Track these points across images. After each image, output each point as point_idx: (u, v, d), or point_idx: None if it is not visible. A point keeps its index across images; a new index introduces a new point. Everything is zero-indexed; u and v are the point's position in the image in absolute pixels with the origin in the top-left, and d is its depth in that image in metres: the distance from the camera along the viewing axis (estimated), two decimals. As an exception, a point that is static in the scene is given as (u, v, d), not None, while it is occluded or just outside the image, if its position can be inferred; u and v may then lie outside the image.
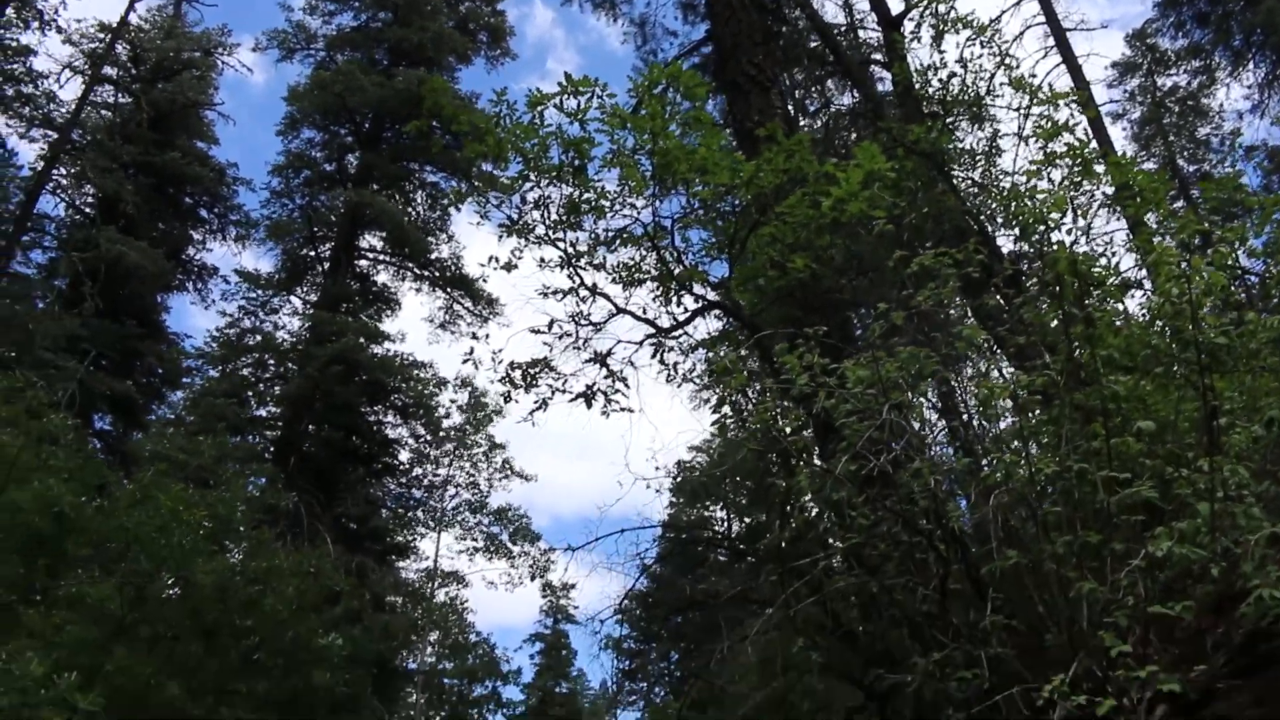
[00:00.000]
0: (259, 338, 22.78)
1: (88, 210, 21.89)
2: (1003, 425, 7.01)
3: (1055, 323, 6.59)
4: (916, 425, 7.10)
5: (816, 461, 6.87)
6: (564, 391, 8.90)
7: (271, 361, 22.59)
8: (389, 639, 11.43)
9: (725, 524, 25.78)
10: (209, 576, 7.79)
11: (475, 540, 31.39)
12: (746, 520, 24.03)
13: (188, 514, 7.82)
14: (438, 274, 25.32)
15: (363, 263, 24.67)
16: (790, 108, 12.10)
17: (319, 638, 8.47)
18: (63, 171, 21.49)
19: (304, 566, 8.70)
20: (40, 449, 8.13)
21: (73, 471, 8.36)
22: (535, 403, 8.86)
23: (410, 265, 25.09)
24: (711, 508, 28.29)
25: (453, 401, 29.10)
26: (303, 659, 8.48)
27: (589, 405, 8.92)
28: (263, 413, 22.15)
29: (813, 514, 7.49)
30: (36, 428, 7.82)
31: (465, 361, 9.17)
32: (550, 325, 8.80)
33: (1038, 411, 6.52)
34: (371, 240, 24.88)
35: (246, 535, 8.57)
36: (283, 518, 11.73)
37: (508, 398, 8.85)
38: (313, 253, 24.39)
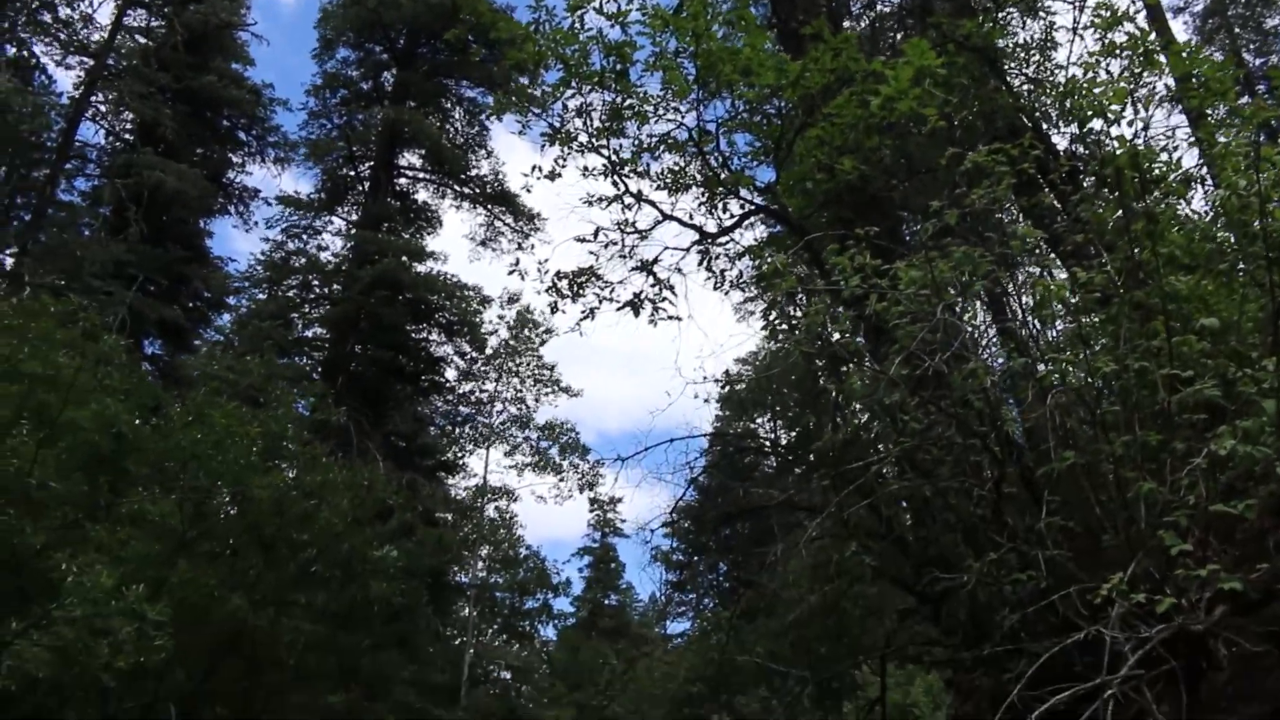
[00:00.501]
0: (302, 260, 22.85)
1: (127, 136, 21.90)
2: (1059, 326, 6.89)
3: (1114, 221, 6.43)
4: (970, 327, 7.00)
5: (868, 365, 6.79)
6: (611, 300, 8.87)
7: (316, 283, 22.69)
8: (441, 553, 11.57)
9: (773, 433, 25.75)
10: (265, 491, 7.90)
11: (524, 455, 31.68)
12: (795, 431, 24.00)
13: (241, 431, 7.90)
14: (478, 191, 25.19)
15: (402, 181, 24.60)
16: (835, 5, 11.77)
17: (374, 550, 8.59)
18: (101, 98, 21.50)
19: (357, 480, 8.79)
20: (97, 370, 8.21)
21: (128, 392, 8.46)
22: (582, 312, 8.84)
23: (450, 183, 24.98)
24: (759, 421, 28.27)
25: (501, 318, 29.18)
26: (359, 571, 8.62)
27: (636, 314, 8.88)
28: (309, 334, 22.31)
29: (864, 420, 7.44)
30: (92, 350, 7.89)
31: (511, 273, 9.17)
32: (596, 234, 8.73)
33: (1095, 312, 6.40)
34: (410, 158, 24.79)
35: (299, 451, 8.66)
36: (333, 435, 11.84)
37: (555, 308, 8.83)
38: (352, 173, 24.34)
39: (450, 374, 24.77)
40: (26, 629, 6.65)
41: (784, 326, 8.77)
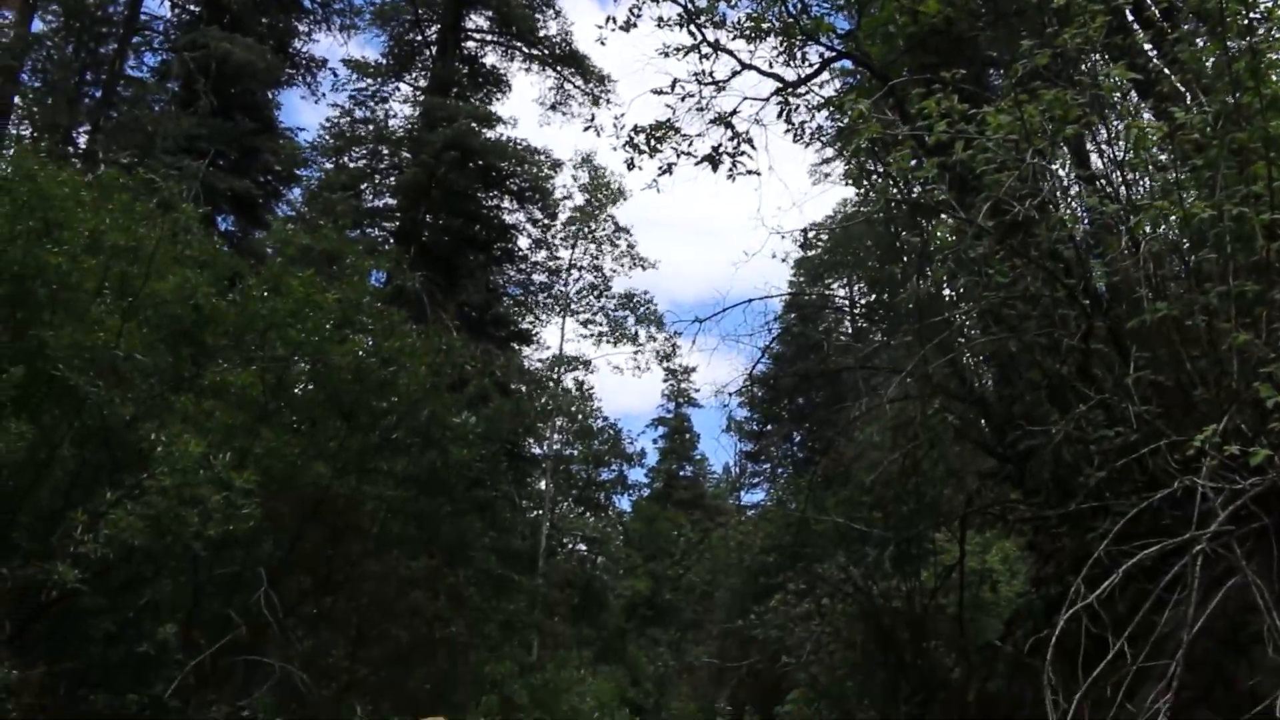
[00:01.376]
0: (371, 127, 22.72)
1: (193, 9, 21.77)
2: (1151, 172, 6.61)
3: (1213, 61, 6.10)
4: (1059, 174, 6.76)
5: (953, 215, 6.58)
6: (689, 154, 8.69)
7: (385, 151, 22.62)
8: (518, 421, 11.66)
9: (852, 295, 25.46)
10: (344, 359, 7.95)
11: (599, 325, 31.78)
12: (874, 292, 23.71)
13: (318, 299, 7.92)
14: (546, 52, 24.68)
15: (470, 45, 24.19)
16: None
17: (453, 416, 8.65)
18: (165, -31, 21.37)
19: (435, 345, 8.81)
20: (175, 242, 8.26)
21: (204, 264, 8.51)
22: (660, 168, 8.67)
23: (518, 45, 24.50)
24: (836, 285, 28.00)
25: (574, 179, 28.94)
26: (438, 437, 8.69)
27: (715, 168, 8.69)
28: (379, 204, 22.34)
29: (947, 274, 7.25)
30: (169, 222, 7.92)
31: (586, 129, 8.97)
32: (672, 86, 8.50)
33: (1191, 157, 6.12)
34: (478, 20, 24.30)
35: (376, 318, 8.68)
36: (407, 305, 11.88)
37: (631, 165, 8.67)
38: (419, 37, 24.01)
39: (523, 242, 24.72)
40: (120, 499, 6.82)
41: (866, 178, 8.56)
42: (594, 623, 14.22)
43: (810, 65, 8.52)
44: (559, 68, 24.91)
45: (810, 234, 24.07)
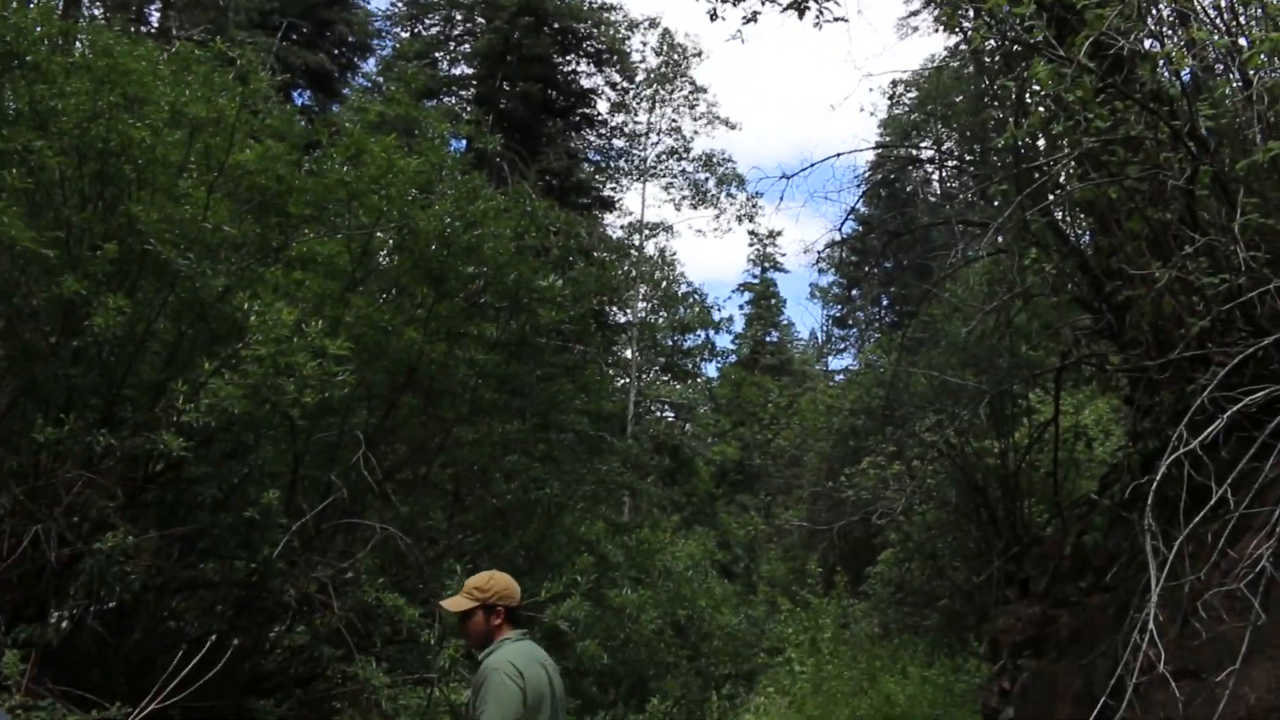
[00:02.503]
0: (443, -8, 22.40)
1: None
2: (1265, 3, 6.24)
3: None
4: (1166, 8, 6.44)
5: (1051, 54, 6.28)
6: (774, 1, 8.40)
7: (459, 18, 22.33)
8: (604, 287, 11.63)
9: (941, 149, 24.78)
10: (429, 224, 7.93)
11: (680, 189, 31.50)
12: (967, 145, 23.07)
13: (400, 163, 7.89)
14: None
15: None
16: None
17: (540, 279, 8.63)
18: None
19: (519, 207, 8.76)
20: (255, 112, 8.26)
21: (283, 135, 8.50)
22: (744, 17, 8.40)
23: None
24: (924, 145, 27.31)
25: (644, 42, 28.41)
26: (526, 301, 8.69)
27: (800, 15, 8.40)
28: (456, 73, 22.15)
29: (1045, 118, 6.96)
30: (248, 93, 7.89)
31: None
32: (756, -73, 8.19)
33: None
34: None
35: (459, 183, 8.63)
36: (489, 171, 11.81)
37: (714, 15, 8.41)
38: (488, -101, 23.46)
39: (601, 106, 24.42)
40: (218, 369, 6.94)
41: (959, 22, 8.20)
42: (683, 488, 14.42)
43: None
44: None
45: (898, 88, 23.42)
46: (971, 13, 7.70)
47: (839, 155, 10.96)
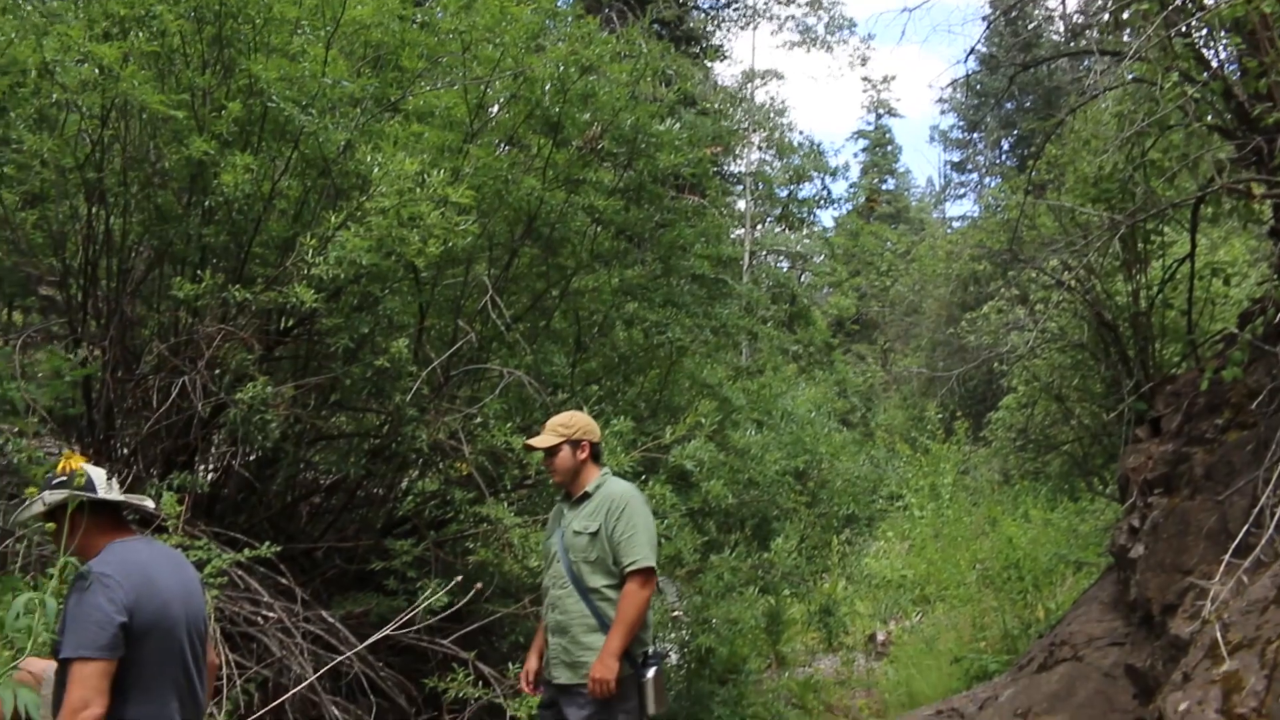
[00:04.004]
0: None
1: None
2: None
3: None
4: None
5: None
6: None
7: None
8: (718, 134, 11.45)
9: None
10: (544, 70, 7.87)
11: (790, 34, 30.65)
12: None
13: (513, 10, 7.79)
14: None
15: None
16: None
17: (656, 124, 8.53)
18: None
19: (634, 50, 8.62)
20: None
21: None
22: None
23: None
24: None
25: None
26: (643, 146, 8.62)
27: None
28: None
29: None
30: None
31: None
32: None
33: None
34: None
35: (572, 29, 8.51)
36: (599, 18, 11.60)
37: None
38: None
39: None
40: (344, 222, 7.06)
41: None
42: (799, 335, 14.40)
43: None
44: None
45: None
46: None
47: (961, -14, 10.53)
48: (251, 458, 8.56)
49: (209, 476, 8.55)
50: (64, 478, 3.84)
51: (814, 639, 13.91)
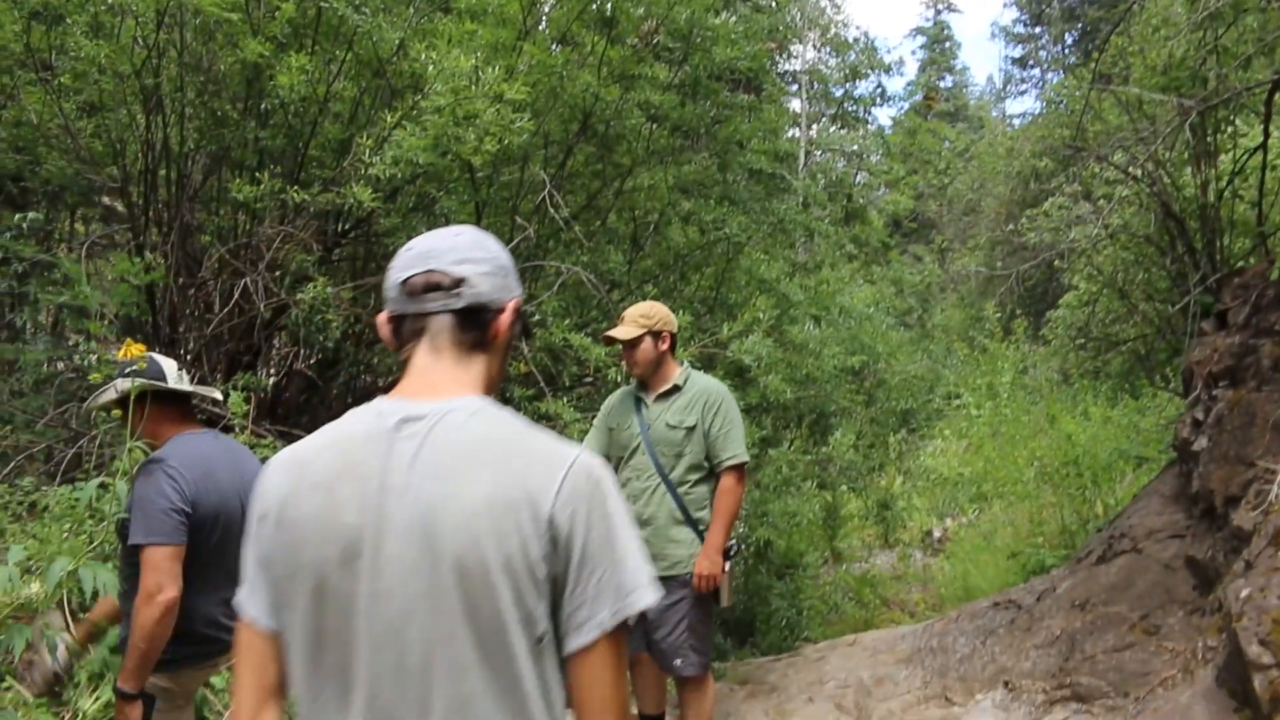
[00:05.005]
0: None
1: None
2: None
3: None
4: None
5: None
6: None
7: None
8: (774, 29, 11.24)
9: None
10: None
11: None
12: None
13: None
14: None
15: None
16: None
17: (712, 18, 8.40)
18: None
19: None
20: None
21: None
22: None
23: None
24: None
25: None
26: (698, 41, 8.50)
27: None
28: None
29: None
30: None
31: None
32: None
33: None
34: None
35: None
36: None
37: None
38: None
39: None
40: (400, 121, 7.06)
41: None
42: (856, 238, 14.24)
43: None
44: None
45: None
46: None
47: None
48: (312, 360, 8.70)
49: (271, 379, 8.71)
50: (135, 366, 3.95)
51: (870, 535, 14.03)
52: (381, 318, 1.94)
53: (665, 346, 5.79)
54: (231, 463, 4.06)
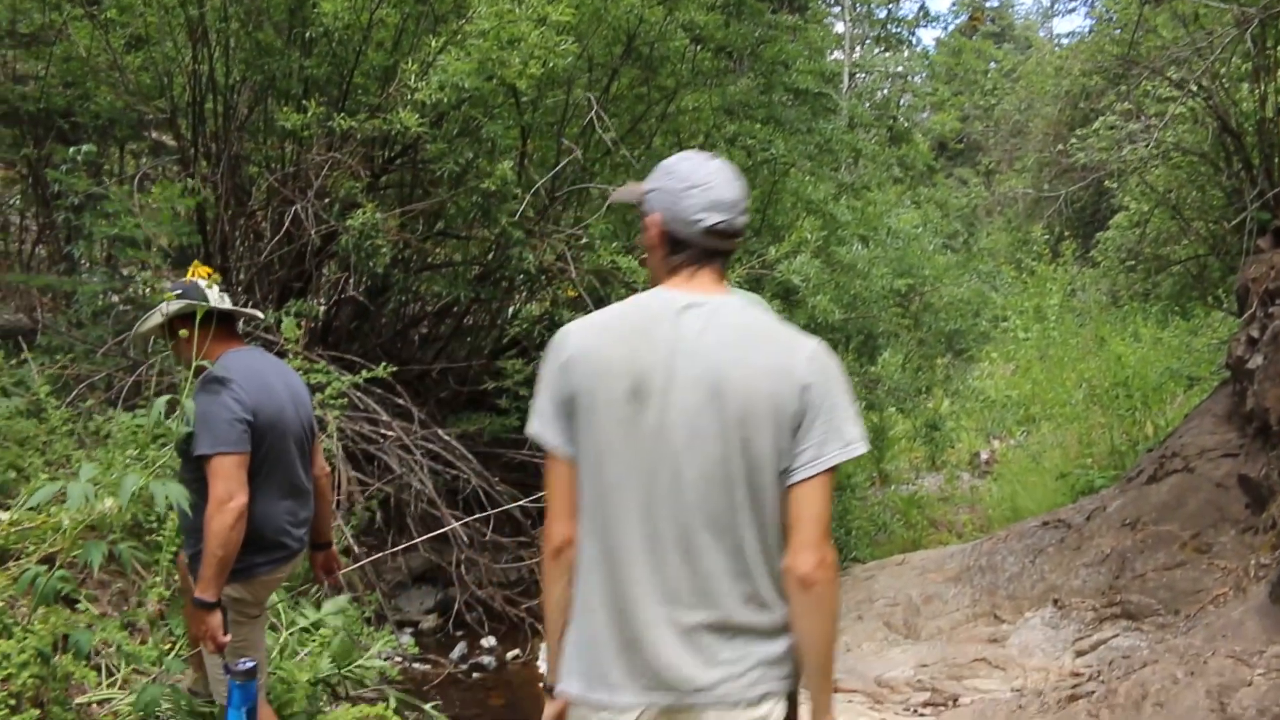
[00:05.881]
0: None
1: None
2: None
3: None
4: None
5: None
6: None
7: None
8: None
9: None
10: None
11: None
12: None
13: None
14: None
15: None
16: None
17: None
18: None
19: None
20: None
21: None
22: None
23: None
24: None
25: None
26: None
27: None
28: None
29: None
30: None
31: None
32: None
33: None
34: None
35: None
36: None
37: None
38: None
39: None
40: (444, 46, 7.05)
41: None
42: (901, 160, 14.03)
43: None
44: None
45: None
46: None
47: None
48: (361, 287, 8.78)
49: (322, 307, 8.81)
50: (180, 289, 4.03)
51: (918, 457, 14.03)
52: (655, 226, 2.35)
53: None
54: (281, 375, 4.18)
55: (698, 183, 2.29)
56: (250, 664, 3.78)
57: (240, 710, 3.77)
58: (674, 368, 2.17)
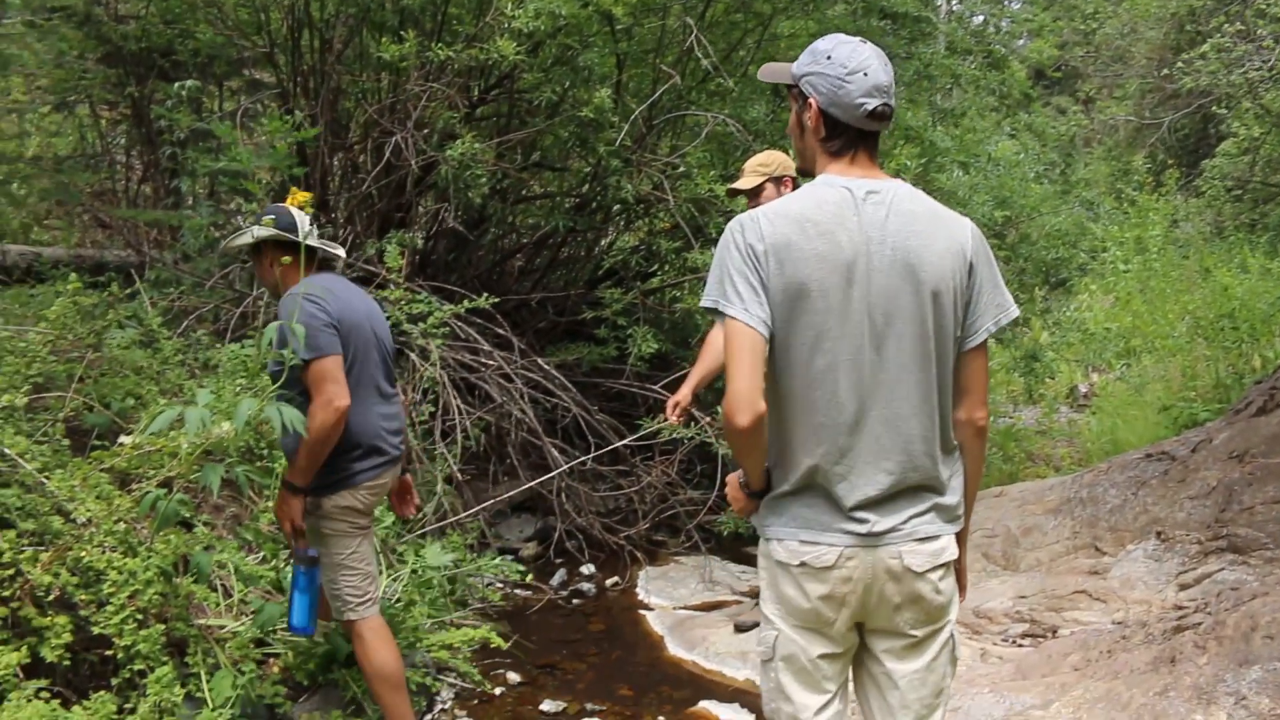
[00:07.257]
0: None
1: None
2: None
3: None
4: None
5: None
6: None
7: None
8: None
9: None
10: None
11: None
12: None
13: None
14: None
15: None
16: None
17: None
18: None
19: None
20: None
21: None
22: None
23: None
24: None
25: None
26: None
27: None
28: None
29: None
30: None
31: None
32: None
33: None
34: None
35: None
36: None
37: None
38: None
39: None
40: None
41: None
42: (1001, 78, 13.58)
43: None
44: None
45: None
46: None
47: None
48: (460, 219, 8.85)
49: (420, 239, 8.90)
50: (273, 214, 4.14)
51: (1015, 390, 13.78)
52: (815, 110, 2.53)
53: (789, 189, 5.70)
54: (357, 293, 4.35)
55: (858, 68, 2.47)
56: (314, 552, 4.08)
57: (305, 593, 4.08)
58: (870, 254, 2.43)
